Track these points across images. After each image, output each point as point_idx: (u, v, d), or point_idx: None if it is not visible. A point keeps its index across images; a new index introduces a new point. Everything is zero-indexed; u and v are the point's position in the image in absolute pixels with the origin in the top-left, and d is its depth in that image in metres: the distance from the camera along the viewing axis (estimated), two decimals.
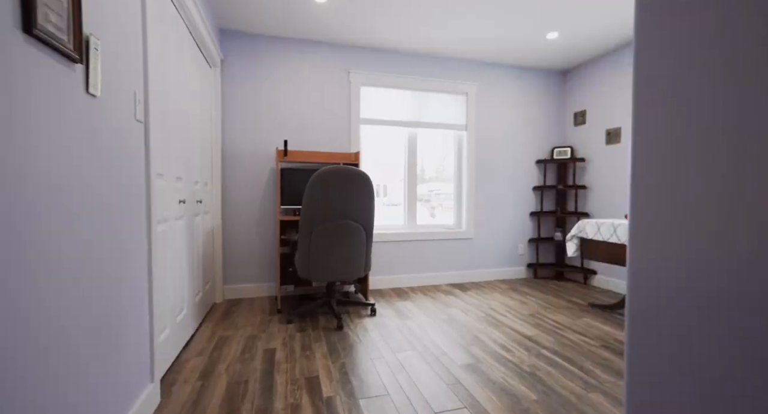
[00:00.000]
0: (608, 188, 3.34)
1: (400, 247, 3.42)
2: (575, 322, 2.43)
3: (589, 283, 3.52)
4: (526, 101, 3.78)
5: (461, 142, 3.66)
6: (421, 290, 3.27)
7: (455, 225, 3.69)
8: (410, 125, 3.44)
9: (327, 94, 3.19)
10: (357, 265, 2.36)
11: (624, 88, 3.18)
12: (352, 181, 2.21)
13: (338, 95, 3.22)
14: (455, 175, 3.69)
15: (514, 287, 3.38)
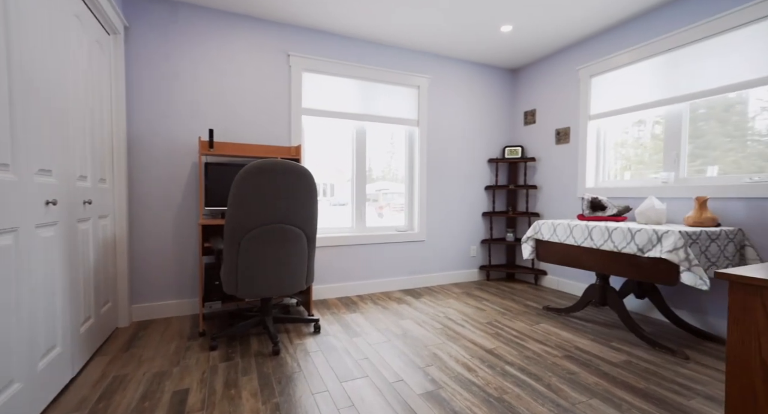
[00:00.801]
0: (558, 188, 3.33)
1: (348, 251, 3.09)
2: (534, 330, 2.30)
3: (540, 283, 3.49)
4: (478, 98, 3.66)
5: (413, 138, 3.43)
6: (372, 299, 2.98)
7: (407, 226, 3.45)
8: (358, 118, 3.13)
9: (263, 79, 2.76)
10: (297, 278, 1.99)
11: (572, 89, 3.17)
12: (291, 178, 1.84)
13: (276, 80, 2.80)
14: (407, 174, 3.46)
15: (468, 291, 3.23)
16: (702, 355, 1.95)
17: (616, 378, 1.69)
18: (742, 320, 0.82)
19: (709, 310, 2.27)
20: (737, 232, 2.10)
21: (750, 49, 2.11)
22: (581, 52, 3.09)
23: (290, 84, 2.83)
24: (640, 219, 2.31)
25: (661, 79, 2.55)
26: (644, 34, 2.62)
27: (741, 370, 0.82)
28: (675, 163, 2.53)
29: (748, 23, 2.10)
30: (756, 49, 2.09)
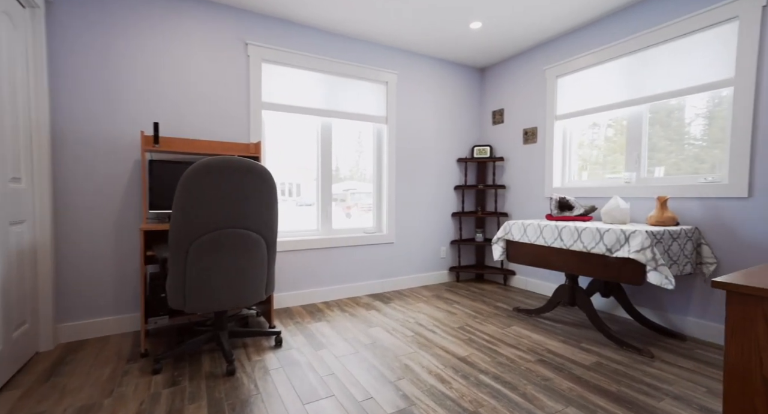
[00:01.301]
0: (526, 188, 3.34)
1: (313, 255, 2.91)
2: (506, 333, 2.25)
3: (509, 284, 3.50)
4: (447, 96, 3.60)
5: (381, 136, 3.31)
6: (338, 305, 2.82)
7: (375, 228, 3.32)
8: (324, 114, 2.96)
9: (218, 69, 2.51)
10: (255, 288, 1.80)
11: (538, 89, 3.19)
12: (247, 177, 1.64)
13: (233, 71, 2.56)
14: (375, 173, 3.33)
15: (439, 294, 3.15)
16: (665, 353, 1.98)
17: (589, 382, 1.66)
18: (740, 334, 0.75)
19: (668, 307, 2.34)
20: (694, 231, 2.16)
21: (694, 56, 2.18)
22: (548, 52, 3.11)
23: (249, 75, 2.60)
24: (606, 219, 2.33)
25: (622, 81, 2.60)
26: (606, 37, 2.66)
27: (740, 389, 0.75)
28: (636, 164, 2.59)
29: (693, 32, 2.17)
30: (698, 57, 2.16)
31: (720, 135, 2.19)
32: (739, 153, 2.04)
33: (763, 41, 1.97)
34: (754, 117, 2.00)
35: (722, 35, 2.12)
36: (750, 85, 2.00)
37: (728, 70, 2.10)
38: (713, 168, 2.22)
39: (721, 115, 2.20)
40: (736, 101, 2.05)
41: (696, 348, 2.05)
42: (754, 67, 1.99)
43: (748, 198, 2.01)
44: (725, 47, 2.11)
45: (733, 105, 2.07)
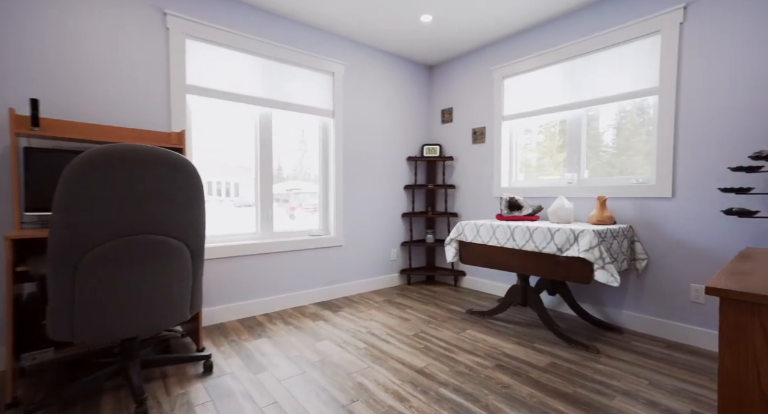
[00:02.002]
0: (475, 188, 3.35)
1: (252, 262, 2.59)
2: (461, 338, 2.17)
3: (460, 284, 3.48)
4: (397, 92, 3.48)
5: (327, 131, 3.08)
6: (282, 317, 2.54)
7: (322, 230, 3.08)
8: (263, 103, 2.65)
9: (127, 40, 2.09)
10: (175, 307, 1.48)
11: (486, 89, 3.21)
12: (161, 171, 1.33)
13: (147, 45, 2.16)
14: (321, 171, 3.09)
15: (390, 299, 3.02)
16: (608, 347, 2.05)
17: (546, 385, 1.62)
18: (736, 344, 0.69)
19: (606, 301, 2.45)
20: (629, 229, 2.28)
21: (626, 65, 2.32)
22: (495, 52, 3.13)
23: (169, 52, 2.21)
24: (552, 218, 2.37)
25: (564, 85, 2.69)
26: (548, 41, 2.74)
27: (736, 405, 0.68)
28: (577, 165, 2.69)
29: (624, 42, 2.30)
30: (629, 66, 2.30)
31: (625, 143, 2.36)
32: (663, 157, 2.18)
33: (681, 55, 2.12)
34: (675, 124, 2.15)
35: (648, 47, 2.26)
36: (671, 95, 2.16)
37: (654, 79, 2.25)
38: (621, 172, 2.40)
39: (633, 124, 2.39)
40: (661, 109, 2.20)
41: (632, 340, 2.16)
42: (675, 78, 2.14)
43: (672, 198, 2.17)
44: (651, 58, 2.25)
45: (658, 112, 2.21)
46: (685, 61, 2.11)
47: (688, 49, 2.09)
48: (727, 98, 1.96)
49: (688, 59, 2.10)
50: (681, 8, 2.11)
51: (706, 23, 2.03)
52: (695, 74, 2.07)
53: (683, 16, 2.11)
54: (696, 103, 2.07)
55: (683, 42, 2.12)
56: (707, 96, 2.03)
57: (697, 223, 2.07)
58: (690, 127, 2.09)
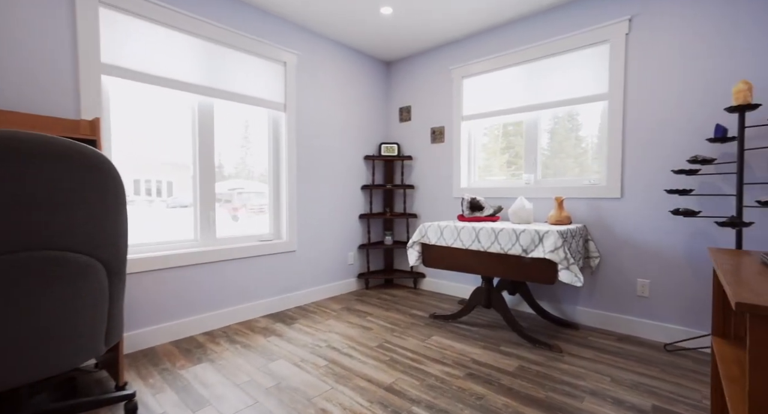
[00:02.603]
0: (435, 188, 3.29)
1: (191, 273, 2.26)
2: (428, 346, 2.07)
3: (419, 287, 3.41)
4: (354, 88, 3.31)
5: (278, 126, 2.82)
6: (227, 335, 2.24)
7: (273, 235, 2.81)
8: (203, 92, 2.33)
9: (19, 4, 1.67)
10: (83, 341, 1.16)
11: (446, 88, 3.17)
12: (67, 167, 1.02)
13: (47, 12, 1.75)
14: (271, 170, 2.82)
15: (349, 306, 2.84)
16: (568, 344, 2.08)
17: (519, 393, 1.57)
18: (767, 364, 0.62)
19: (562, 299, 2.52)
20: (583, 229, 2.35)
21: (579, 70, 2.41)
22: (455, 52, 3.10)
23: (76, 22, 1.82)
24: (513, 219, 2.37)
25: (522, 87, 2.73)
26: (507, 43, 2.76)
27: None
28: (534, 166, 2.74)
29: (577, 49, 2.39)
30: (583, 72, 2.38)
31: (558, 146, 2.46)
32: (613, 159, 2.29)
33: (627, 64, 2.23)
34: (623, 129, 2.26)
35: (599, 55, 2.36)
36: (620, 101, 2.26)
37: (605, 86, 2.34)
38: (555, 174, 2.50)
39: (565, 129, 2.53)
40: (611, 114, 2.30)
41: (588, 335, 2.22)
42: (622, 86, 2.25)
43: (621, 198, 2.27)
44: (602, 66, 2.35)
45: (608, 118, 2.31)
46: (631, 70, 2.22)
47: (634, 58, 2.20)
48: (670, 106, 2.08)
49: (634, 68, 2.21)
50: (626, 20, 2.21)
51: (649, 35, 2.14)
52: (640, 83, 2.18)
53: (629, 27, 2.21)
54: (641, 110, 2.18)
55: (629, 52, 2.22)
56: (652, 103, 2.15)
57: (644, 221, 2.18)
58: (637, 132, 2.21)
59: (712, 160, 1.81)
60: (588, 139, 2.49)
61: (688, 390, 1.60)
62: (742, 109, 1.66)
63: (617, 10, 2.25)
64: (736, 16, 1.87)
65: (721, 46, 1.91)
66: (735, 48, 1.87)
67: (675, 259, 2.08)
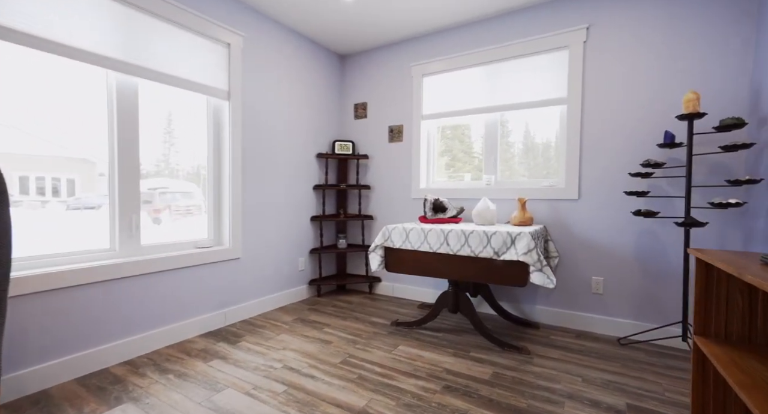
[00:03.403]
0: (392, 188, 3.16)
1: (103, 291, 1.82)
2: (396, 358, 1.91)
3: (375, 292, 3.24)
4: (305, 79, 3.05)
5: (220, 117, 2.46)
6: (155, 363, 1.85)
7: (213, 240, 2.44)
8: (122, 69, 1.91)
9: None
10: None
11: (405, 86, 3.06)
12: None
13: None
14: (212, 165, 2.44)
15: (302, 317, 2.57)
16: (533, 345, 2.08)
17: (500, 403, 1.49)
18: None
19: (521, 299, 2.55)
20: (544, 229, 2.40)
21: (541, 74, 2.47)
22: (416, 48, 3.00)
23: None
24: (477, 220, 2.33)
25: (483, 88, 2.72)
26: (470, 43, 2.74)
27: None
28: (494, 167, 2.75)
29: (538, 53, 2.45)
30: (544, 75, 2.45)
31: (508, 149, 2.54)
32: (571, 162, 2.36)
33: (585, 70, 2.33)
34: (580, 133, 2.35)
35: (560, 60, 2.43)
36: (578, 106, 2.35)
37: (564, 90, 2.42)
38: (512, 175, 2.56)
39: (480, 133, 2.62)
40: (569, 118, 2.38)
41: (550, 334, 2.25)
42: (580, 91, 2.34)
43: (578, 200, 2.36)
44: (562, 70, 2.42)
45: (567, 121, 2.39)
46: (589, 77, 2.31)
47: (591, 66, 2.30)
48: (624, 112, 2.20)
49: (591, 75, 2.30)
50: (584, 29, 2.30)
51: (605, 45, 2.25)
52: (597, 89, 2.28)
53: (586, 35, 2.31)
54: (598, 115, 2.28)
55: (587, 59, 2.31)
56: (607, 109, 2.25)
57: (599, 222, 2.28)
58: (593, 135, 2.30)
59: (662, 164, 1.93)
60: (516, 145, 2.58)
61: (650, 383, 1.66)
62: (691, 118, 1.78)
63: (577, 18, 2.33)
64: (682, 31, 2.03)
65: (670, 58, 2.06)
66: (683, 59, 2.03)
67: (626, 258, 2.19)
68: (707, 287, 1.18)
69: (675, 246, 2.05)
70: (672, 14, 2.05)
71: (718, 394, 1.18)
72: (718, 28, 1.94)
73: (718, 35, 1.94)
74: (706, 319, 1.19)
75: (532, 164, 2.60)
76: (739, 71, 1.89)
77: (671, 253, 2.06)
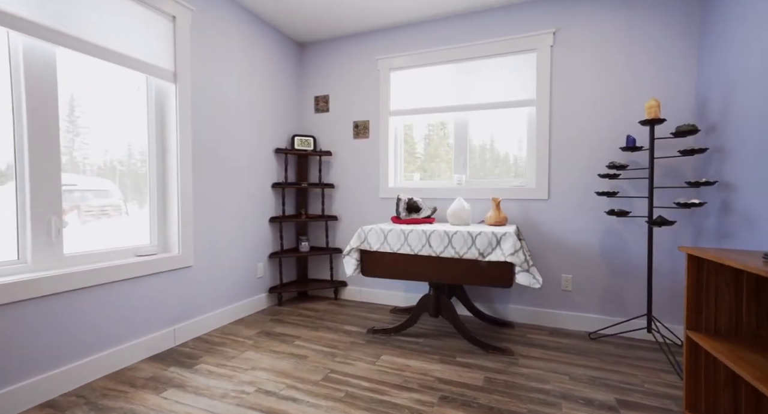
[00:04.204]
0: (358, 187, 3.00)
1: (9, 318, 1.42)
2: (381, 369, 1.78)
3: (341, 296, 3.05)
4: (260, 65, 2.76)
5: (164, 100, 2.10)
6: (89, 401, 1.49)
7: (157, 247, 2.07)
8: (32, 31, 1.51)
9: None
10: None
11: (371, 80, 2.92)
12: None
13: None
14: (154, 159, 2.08)
15: (266, 329, 2.30)
16: (514, 345, 2.08)
17: (502, 411, 1.43)
18: None
19: (495, 299, 2.57)
20: (517, 229, 2.43)
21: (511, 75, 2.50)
22: (383, 41, 2.88)
23: None
24: (453, 220, 2.28)
25: (453, 86, 2.69)
26: (442, 39, 2.68)
27: None
28: (464, 167, 2.74)
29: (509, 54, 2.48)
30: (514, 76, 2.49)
31: (434, 152, 2.60)
32: (541, 162, 2.43)
33: (552, 74, 2.41)
34: (549, 134, 2.42)
35: (530, 61, 2.48)
36: (546, 108, 2.42)
37: (533, 92, 2.47)
38: (431, 176, 2.62)
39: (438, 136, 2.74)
40: (539, 120, 2.44)
41: (526, 333, 2.29)
42: (549, 93, 2.41)
43: (548, 199, 2.43)
44: (531, 72, 2.48)
45: (537, 123, 2.45)
46: (556, 80, 2.39)
47: (558, 69, 2.38)
48: (590, 116, 2.30)
49: (558, 78, 2.38)
50: (551, 33, 2.37)
51: (571, 50, 2.34)
52: (564, 92, 2.36)
53: (553, 40, 2.38)
54: (565, 118, 2.37)
55: (554, 63, 2.39)
56: (574, 112, 2.34)
57: (568, 221, 2.36)
58: (562, 137, 2.38)
59: (625, 166, 2.04)
60: (486, 144, 2.61)
61: (629, 376, 1.73)
62: (652, 123, 1.91)
63: (545, 21, 2.39)
64: (640, 41, 2.17)
65: (630, 65, 2.20)
66: (641, 68, 2.17)
67: (593, 255, 2.31)
68: (698, 283, 1.23)
69: (637, 244, 2.20)
70: (631, 25, 2.19)
71: (709, 386, 1.24)
72: (670, 40, 2.11)
73: (670, 47, 2.11)
74: (697, 314, 1.24)
75: (502, 164, 2.64)
76: (689, 82, 2.08)
77: (633, 250, 2.21)
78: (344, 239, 3.04)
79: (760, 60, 1.55)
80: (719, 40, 1.86)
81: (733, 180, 1.71)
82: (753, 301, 1.18)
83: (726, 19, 1.81)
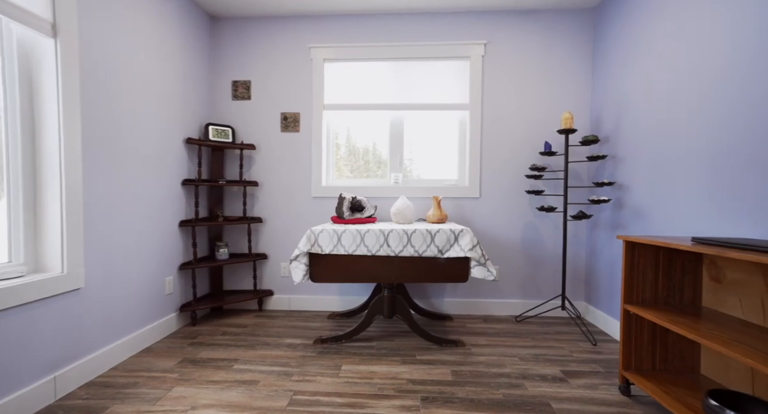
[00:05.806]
0: (287, 186, 2.73)
1: None
2: (349, 381, 1.64)
3: (267, 307, 2.73)
4: (166, 37, 2.27)
5: (33, 60, 1.52)
6: None
7: (26, 265, 1.48)
8: None
9: None
10: None
11: (304, 69, 2.70)
12: None
13: None
14: (19, 145, 1.48)
15: (189, 357, 1.89)
16: (463, 336, 2.20)
17: (482, 401, 1.48)
18: None
19: (431, 294, 2.67)
20: None
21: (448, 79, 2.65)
22: (317, 28, 2.68)
23: None
24: (397, 218, 2.29)
25: (390, 84, 2.69)
26: (380, 34, 2.65)
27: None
28: (399, 165, 2.77)
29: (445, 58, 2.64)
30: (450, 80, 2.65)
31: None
32: (473, 163, 2.63)
33: (484, 81, 2.63)
34: (480, 137, 2.64)
35: (463, 68, 2.66)
36: (478, 112, 2.63)
37: (467, 97, 2.66)
38: (367, 175, 2.78)
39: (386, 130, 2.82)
40: (471, 123, 2.64)
41: (465, 323, 2.44)
42: (480, 99, 2.63)
43: (479, 198, 2.65)
44: (465, 78, 2.66)
45: (469, 126, 2.64)
46: (487, 87, 2.62)
47: (489, 78, 2.61)
48: (516, 122, 2.59)
49: (488, 86, 2.61)
50: (483, 44, 2.59)
51: (500, 62, 2.60)
52: (494, 100, 2.61)
53: (484, 50, 2.61)
54: (495, 122, 2.61)
55: (485, 71, 2.61)
56: (503, 117, 2.60)
57: (497, 218, 2.62)
58: (491, 140, 2.62)
59: (544, 168, 2.38)
60: (421, 144, 2.76)
61: (559, 349, 2.01)
62: (567, 132, 2.26)
63: (478, 33, 2.60)
64: (553, 62, 2.55)
65: (547, 82, 2.56)
66: (557, 84, 2.55)
67: (516, 248, 2.61)
68: (632, 265, 1.51)
69: (551, 236, 2.58)
70: (546, 45, 2.56)
71: (637, 348, 1.53)
72: (574, 61, 2.54)
73: (575, 67, 2.54)
74: (630, 291, 1.51)
75: (437, 164, 2.76)
76: (586, 101, 2.54)
77: (547, 242, 2.58)
78: (271, 243, 2.73)
79: (646, 85, 1.99)
80: (610, 68, 2.33)
81: (625, 181, 2.15)
82: (666, 278, 1.50)
83: (615, 49, 2.28)
